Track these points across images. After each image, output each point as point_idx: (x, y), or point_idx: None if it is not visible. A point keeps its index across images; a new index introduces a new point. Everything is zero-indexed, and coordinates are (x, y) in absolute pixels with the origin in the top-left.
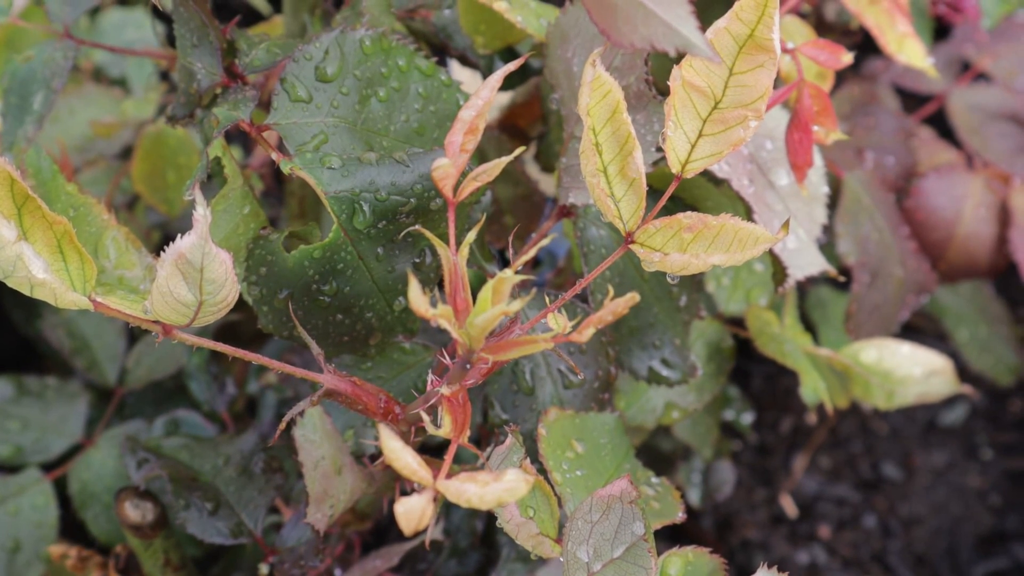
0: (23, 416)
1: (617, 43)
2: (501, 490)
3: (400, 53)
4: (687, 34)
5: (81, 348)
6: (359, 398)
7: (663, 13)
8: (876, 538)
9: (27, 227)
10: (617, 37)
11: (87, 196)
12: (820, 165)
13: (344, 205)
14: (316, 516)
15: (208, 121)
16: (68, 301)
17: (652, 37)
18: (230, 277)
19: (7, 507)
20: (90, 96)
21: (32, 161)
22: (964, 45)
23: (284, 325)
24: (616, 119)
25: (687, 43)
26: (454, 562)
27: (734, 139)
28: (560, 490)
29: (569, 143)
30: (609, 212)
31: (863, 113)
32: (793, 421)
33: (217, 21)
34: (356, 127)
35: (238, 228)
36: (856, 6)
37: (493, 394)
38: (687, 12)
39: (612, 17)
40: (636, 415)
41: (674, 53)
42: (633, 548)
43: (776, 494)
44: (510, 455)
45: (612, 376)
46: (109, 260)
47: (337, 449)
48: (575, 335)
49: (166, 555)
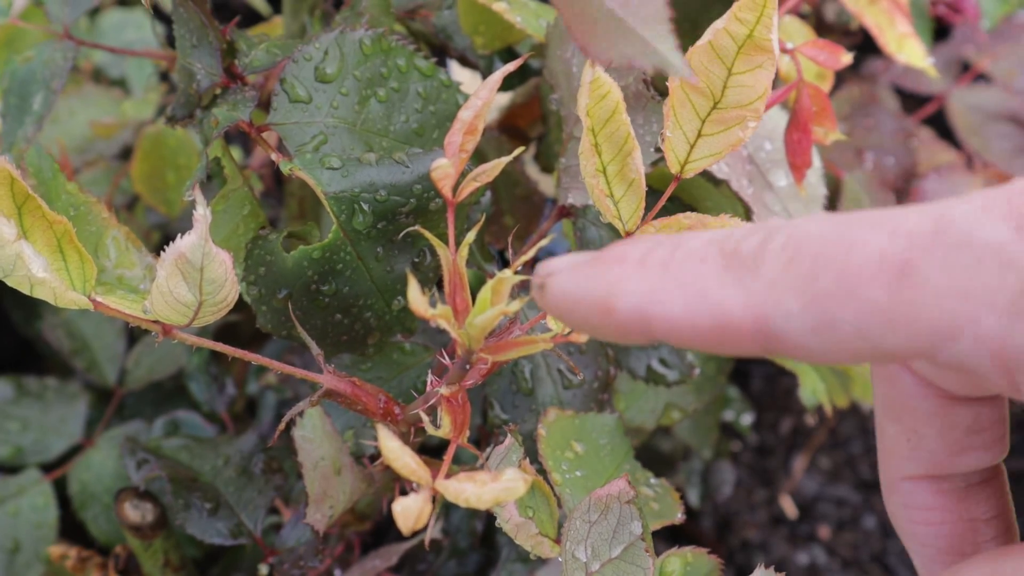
0: (23, 417)
1: (596, 59)
2: (499, 490)
3: (400, 53)
4: (665, 53)
5: (81, 349)
6: (358, 398)
7: (642, 31)
8: (876, 538)
9: (27, 226)
10: (596, 53)
11: (87, 196)
12: (819, 166)
13: (344, 205)
14: (316, 517)
15: (208, 122)
16: (68, 300)
17: (630, 55)
18: (230, 277)
19: (7, 508)
20: (90, 97)
21: (33, 161)
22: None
23: (283, 325)
24: (615, 120)
25: (664, 62)
26: (454, 562)
27: (733, 140)
28: (560, 490)
29: (568, 143)
30: (608, 212)
31: (863, 114)
32: (793, 422)
33: (217, 21)
34: (356, 127)
35: (238, 228)
36: (856, 6)
37: (493, 394)
38: (666, 31)
39: (591, 33)
40: (636, 416)
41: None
42: (631, 548)
43: (776, 495)
44: (509, 455)
45: (611, 376)
46: (109, 260)
47: (337, 450)
48: (574, 335)
49: (166, 555)
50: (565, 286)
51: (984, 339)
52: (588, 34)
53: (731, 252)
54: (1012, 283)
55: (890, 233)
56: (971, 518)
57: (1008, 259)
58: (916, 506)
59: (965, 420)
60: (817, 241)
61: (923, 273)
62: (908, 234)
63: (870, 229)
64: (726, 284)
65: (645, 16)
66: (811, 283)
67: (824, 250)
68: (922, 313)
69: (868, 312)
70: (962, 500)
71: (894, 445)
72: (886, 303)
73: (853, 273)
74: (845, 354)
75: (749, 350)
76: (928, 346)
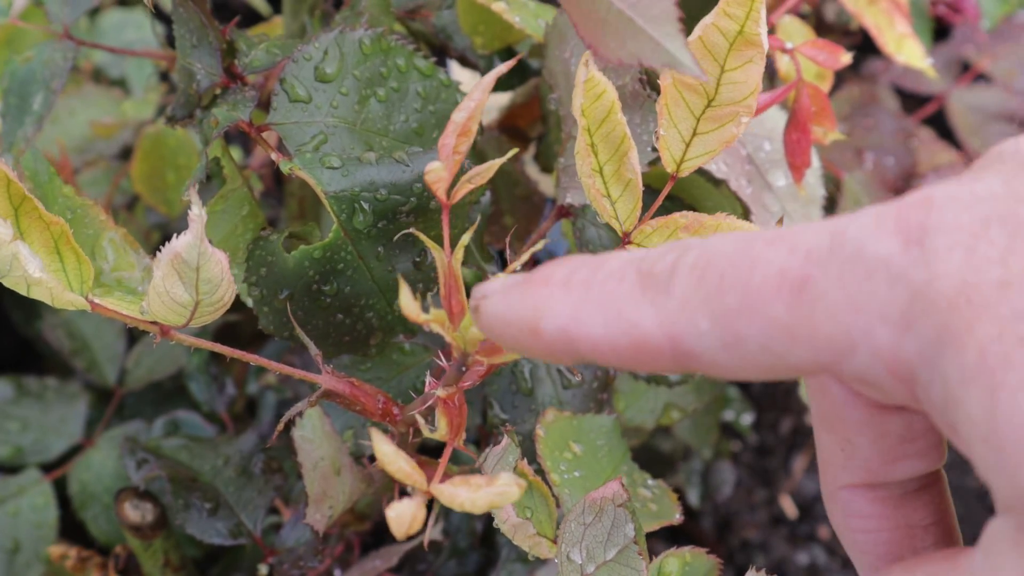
0: (23, 417)
1: (604, 58)
2: (493, 494)
3: (399, 53)
4: (674, 51)
5: (81, 349)
6: (357, 399)
7: (651, 30)
8: None
9: (24, 228)
10: (605, 52)
11: (84, 198)
12: (818, 167)
13: (344, 205)
14: (315, 517)
15: (207, 122)
16: (65, 301)
17: (639, 53)
18: (226, 277)
19: (7, 508)
20: (90, 97)
21: (29, 164)
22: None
23: (284, 326)
24: (611, 119)
25: (674, 60)
26: (454, 562)
27: (727, 136)
28: (558, 491)
29: (567, 143)
30: (605, 212)
31: (863, 114)
32: (793, 422)
33: (217, 21)
34: (356, 127)
35: (236, 228)
36: (855, 6)
37: (492, 394)
38: (676, 29)
39: (600, 32)
40: (635, 416)
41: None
42: (625, 550)
43: (776, 494)
44: (505, 456)
45: (611, 376)
46: (107, 262)
47: (336, 450)
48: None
49: (166, 556)
50: (496, 308)
51: (879, 352)
52: (597, 34)
53: (647, 272)
54: (901, 296)
55: (790, 249)
56: (909, 524)
57: (897, 272)
58: (854, 514)
59: (897, 428)
60: (724, 259)
61: (820, 288)
62: (806, 250)
63: (772, 246)
64: (641, 304)
65: (654, 15)
66: (719, 301)
67: (730, 268)
68: (820, 328)
69: (771, 328)
70: (899, 507)
71: (830, 455)
72: (786, 319)
73: (756, 290)
74: (756, 370)
75: (667, 367)
76: (829, 360)
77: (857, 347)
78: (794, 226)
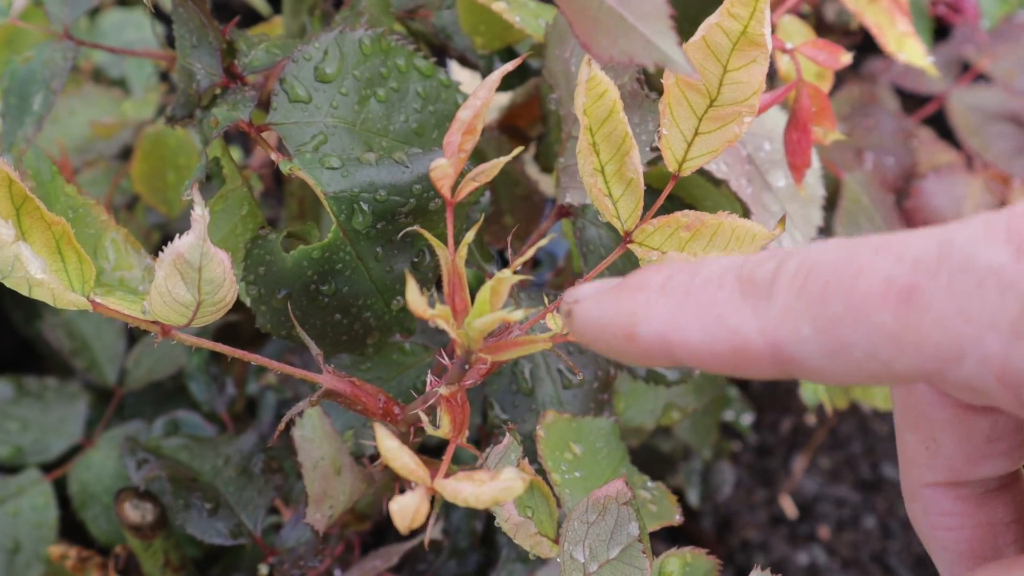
0: (23, 417)
1: (597, 56)
2: (498, 489)
3: (399, 53)
4: (666, 49)
5: (81, 349)
6: (358, 398)
7: (642, 27)
8: (876, 539)
9: (25, 228)
10: (597, 50)
11: (86, 198)
12: (817, 167)
13: (343, 205)
14: (315, 517)
15: (207, 122)
16: (67, 301)
17: (631, 51)
18: (228, 277)
19: (7, 508)
20: (90, 97)
21: (31, 163)
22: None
23: (283, 325)
24: (613, 119)
25: (665, 58)
26: (454, 562)
27: (729, 136)
28: (559, 491)
29: (567, 143)
30: (607, 211)
31: (863, 114)
32: (793, 422)
33: (217, 22)
34: (355, 127)
35: (236, 228)
36: (856, 6)
37: (492, 394)
38: (667, 27)
39: (592, 30)
40: (635, 416)
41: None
42: (629, 549)
43: (776, 495)
44: (507, 454)
45: (611, 376)
46: (108, 261)
47: (336, 450)
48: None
49: (166, 555)
50: (590, 313)
51: (988, 360)
52: (589, 31)
53: (747, 278)
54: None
55: (896, 258)
56: (991, 523)
57: (1008, 282)
58: (937, 512)
59: (983, 429)
60: (827, 266)
61: (928, 297)
62: (914, 259)
63: (877, 254)
64: (742, 310)
65: (645, 12)
66: (822, 308)
67: (834, 276)
68: (928, 336)
69: (877, 335)
70: (981, 505)
71: (913, 453)
72: (894, 327)
73: (861, 297)
74: (860, 375)
75: (767, 373)
76: (935, 368)
77: (965, 355)
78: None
